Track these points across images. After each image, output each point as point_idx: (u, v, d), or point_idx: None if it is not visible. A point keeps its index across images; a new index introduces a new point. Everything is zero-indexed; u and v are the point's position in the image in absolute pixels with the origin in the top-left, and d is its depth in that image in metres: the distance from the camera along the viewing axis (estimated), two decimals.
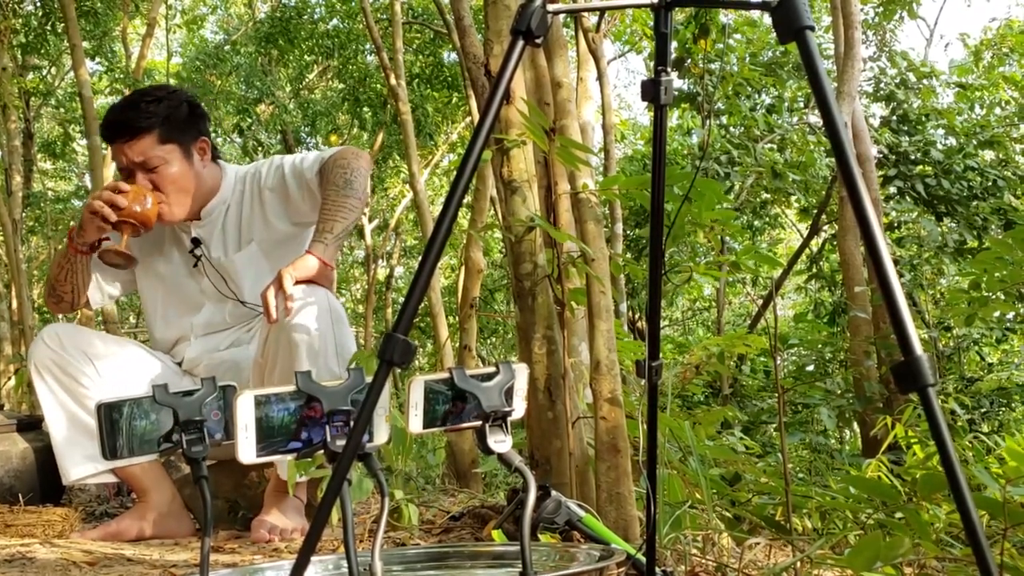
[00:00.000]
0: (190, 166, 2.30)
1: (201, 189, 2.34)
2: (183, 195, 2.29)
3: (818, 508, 2.59)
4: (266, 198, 2.36)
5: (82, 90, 6.84)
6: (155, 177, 2.24)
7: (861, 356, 6.55)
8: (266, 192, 2.36)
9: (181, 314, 2.44)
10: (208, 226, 2.40)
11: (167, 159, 2.24)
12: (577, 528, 1.65)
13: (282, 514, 2.18)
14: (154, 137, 2.23)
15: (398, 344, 0.97)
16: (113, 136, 2.26)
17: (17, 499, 2.41)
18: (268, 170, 2.38)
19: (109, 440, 1.41)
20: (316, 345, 2.08)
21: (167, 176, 2.25)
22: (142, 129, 2.23)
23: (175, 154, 2.26)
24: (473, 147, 1.01)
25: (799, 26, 0.96)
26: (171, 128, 2.26)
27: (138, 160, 2.23)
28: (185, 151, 2.29)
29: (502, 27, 1.93)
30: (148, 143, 2.23)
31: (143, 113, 2.24)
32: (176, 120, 2.27)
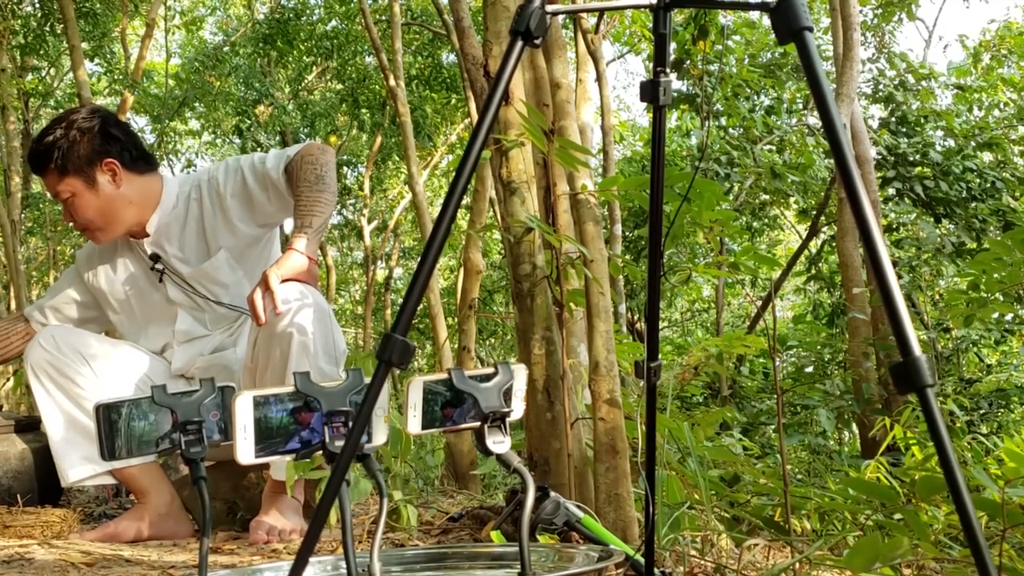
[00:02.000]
0: (96, 194, 2.29)
1: (124, 208, 2.33)
2: (105, 218, 2.31)
3: (817, 509, 2.59)
4: (228, 204, 2.33)
5: (81, 91, 6.84)
6: (72, 210, 2.30)
7: (860, 357, 6.55)
8: (228, 199, 2.34)
9: (160, 325, 2.44)
10: (161, 240, 2.39)
11: (75, 192, 2.28)
12: (576, 529, 1.65)
13: (280, 515, 2.18)
14: (54, 175, 2.28)
15: (397, 345, 0.97)
16: (33, 169, 2.33)
17: (15, 500, 2.40)
18: (225, 175, 2.36)
19: (108, 441, 1.41)
20: (305, 344, 2.08)
21: (78, 207, 2.29)
22: (43, 168, 2.28)
23: (77, 186, 2.28)
24: (472, 147, 1.01)
25: (798, 27, 0.96)
26: (65, 162, 2.27)
27: (52, 192, 2.31)
28: (88, 180, 2.29)
29: (501, 28, 1.93)
30: (52, 179, 2.28)
31: (44, 151, 2.28)
32: (71, 154, 2.28)
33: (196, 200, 2.38)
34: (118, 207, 2.32)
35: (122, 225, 2.34)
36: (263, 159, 2.32)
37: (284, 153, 2.29)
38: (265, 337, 2.11)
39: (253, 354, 2.16)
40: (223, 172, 2.37)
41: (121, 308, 2.48)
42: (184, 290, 2.39)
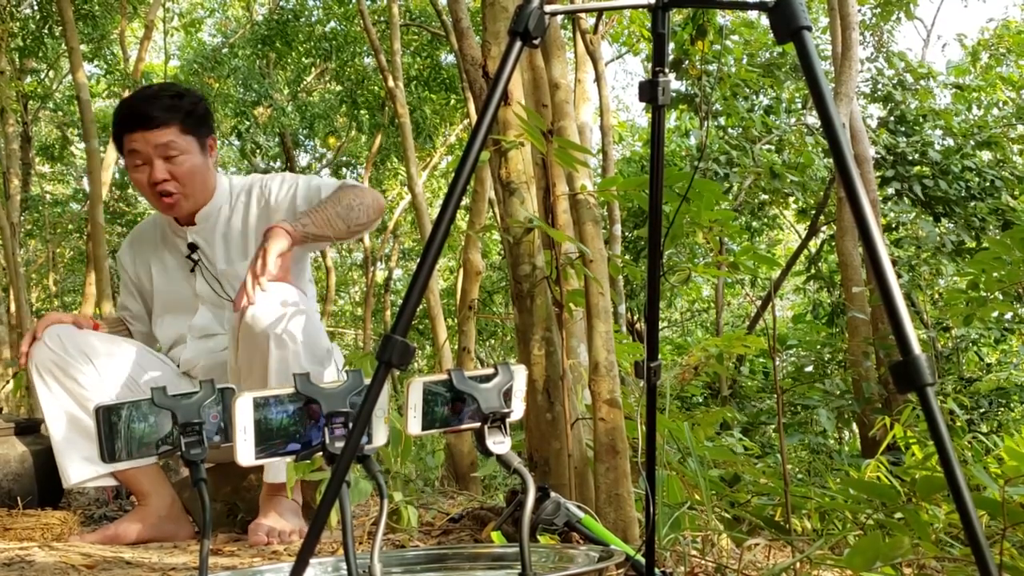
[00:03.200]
0: (205, 159, 2.37)
1: (210, 185, 2.40)
2: (196, 186, 2.35)
3: (817, 509, 2.59)
4: (274, 216, 2.37)
5: (80, 93, 6.84)
6: (173, 167, 2.30)
7: (860, 357, 6.55)
8: (274, 208, 2.39)
9: (177, 316, 2.47)
10: (204, 232, 2.42)
11: (188, 150, 2.31)
12: (576, 529, 1.65)
13: (280, 516, 2.18)
14: (177, 128, 2.30)
15: (396, 346, 0.97)
16: (135, 125, 2.29)
17: (16, 502, 2.40)
18: (279, 187, 2.41)
19: (108, 443, 1.41)
20: (285, 344, 2.08)
21: (186, 165, 2.31)
22: (166, 120, 2.29)
23: (193, 146, 2.33)
24: (471, 148, 1.01)
25: (796, 26, 0.96)
26: (191, 122, 2.33)
27: (160, 147, 2.28)
28: (201, 144, 2.36)
29: (500, 29, 1.93)
30: (172, 132, 2.29)
31: (167, 104, 2.31)
32: (196, 115, 2.34)
33: (244, 203, 2.43)
34: (206, 180, 2.37)
35: (199, 200, 2.38)
36: (322, 184, 2.37)
37: (343, 181, 2.34)
38: (246, 338, 2.11)
39: (237, 356, 2.16)
40: (277, 182, 2.43)
41: (148, 280, 2.54)
42: (212, 285, 2.42)
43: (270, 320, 2.08)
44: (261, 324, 2.08)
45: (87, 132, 6.80)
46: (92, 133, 6.69)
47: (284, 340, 2.08)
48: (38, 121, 14.08)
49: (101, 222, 6.67)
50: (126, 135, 2.31)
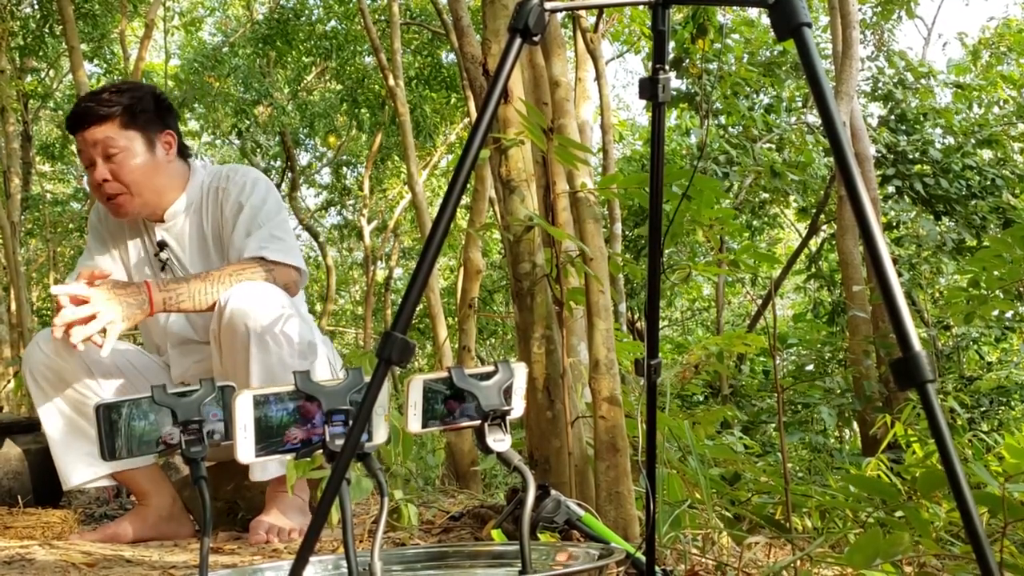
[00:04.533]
0: (152, 156, 2.25)
1: (164, 183, 2.29)
2: (144, 185, 2.24)
3: (818, 507, 2.59)
4: (224, 228, 2.31)
5: (81, 92, 6.83)
6: (115, 167, 2.20)
7: (860, 355, 6.55)
8: (227, 221, 2.30)
9: (153, 321, 2.38)
10: (174, 231, 2.36)
11: (128, 147, 2.21)
12: (576, 527, 1.64)
13: (281, 514, 2.17)
14: (115, 124, 2.20)
15: (396, 343, 0.96)
16: (77, 125, 2.22)
17: (16, 501, 2.41)
18: (233, 201, 2.30)
19: (108, 441, 1.41)
20: (265, 340, 2.06)
21: (127, 165, 2.21)
22: (104, 116, 2.20)
23: (137, 142, 2.23)
24: (471, 146, 1.00)
25: (796, 23, 0.96)
26: (133, 116, 2.23)
27: (99, 145, 2.19)
28: (148, 140, 2.25)
29: (500, 26, 1.93)
30: (110, 129, 2.20)
31: (105, 101, 2.22)
32: (138, 109, 2.24)
33: (207, 204, 2.35)
34: (160, 180, 2.27)
35: (151, 200, 2.28)
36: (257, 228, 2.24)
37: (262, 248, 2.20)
38: (227, 339, 2.09)
39: (221, 358, 2.15)
40: (234, 193, 2.31)
41: None
42: None
43: (248, 313, 2.04)
44: (239, 318, 2.05)
45: None
46: None
47: (264, 329, 2.05)
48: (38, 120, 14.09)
49: None
50: (75, 136, 2.25)
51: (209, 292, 2.12)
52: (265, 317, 2.05)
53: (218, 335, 2.11)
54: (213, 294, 2.12)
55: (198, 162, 2.43)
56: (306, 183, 15.95)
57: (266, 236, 2.21)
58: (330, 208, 16.62)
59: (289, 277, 2.19)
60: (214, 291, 2.12)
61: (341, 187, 15.27)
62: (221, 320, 2.08)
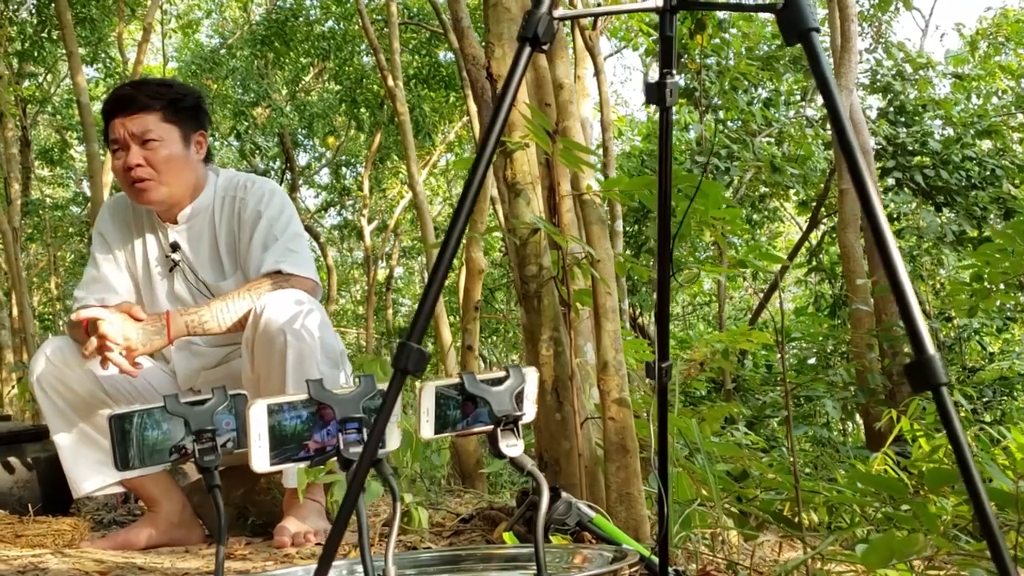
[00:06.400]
0: (186, 151, 2.32)
1: (189, 179, 2.34)
2: (172, 175, 2.30)
3: (825, 502, 2.59)
4: (241, 239, 2.35)
5: (80, 96, 6.83)
6: (149, 154, 2.26)
7: (863, 349, 6.55)
8: (242, 237, 2.34)
9: None
10: (187, 234, 2.38)
11: (165, 138, 2.28)
12: (588, 529, 1.65)
13: (299, 519, 2.19)
14: (157, 115, 2.28)
15: (412, 353, 0.97)
16: (117, 110, 2.29)
17: (26, 509, 2.41)
18: (251, 212, 2.33)
19: (120, 451, 1.42)
20: (302, 350, 2.09)
21: (161, 154, 2.27)
22: (147, 105, 2.27)
23: (173, 135, 2.29)
24: (481, 156, 1.01)
25: (804, 28, 0.97)
26: (174, 111, 2.30)
27: (137, 132, 2.26)
28: (184, 136, 2.32)
29: (502, 30, 1.93)
30: (151, 119, 2.27)
31: (150, 92, 2.30)
32: (180, 106, 2.32)
33: (221, 213, 2.38)
34: (186, 174, 2.33)
35: (176, 192, 2.32)
36: (275, 240, 2.28)
37: (278, 263, 2.25)
38: (262, 346, 2.11)
39: (253, 365, 2.16)
40: (252, 203, 2.34)
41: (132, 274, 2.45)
42: (191, 288, 2.38)
43: (284, 321, 2.08)
44: (276, 323, 2.08)
45: (87, 135, 6.80)
46: (92, 136, 6.69)
47: (301, 336, 2.09)
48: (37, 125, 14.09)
49: None
50: (110, 122, 2.30)
51: (232, 311, 2.16)
52: (300, 326, 2.08)
53: (252, 343, 2.13)
54: (236, 312, 2.16)
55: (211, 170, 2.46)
56: (305, 184, 15.96)
57: (282, 249, 2.25)
58: (330, 208, 16.63)
59: (305, 288, 2.21)
60: (236, 309, 2.16)
61: (340, 187, 15.28)
62: (257, 329, 2.10)
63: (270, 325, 2.09)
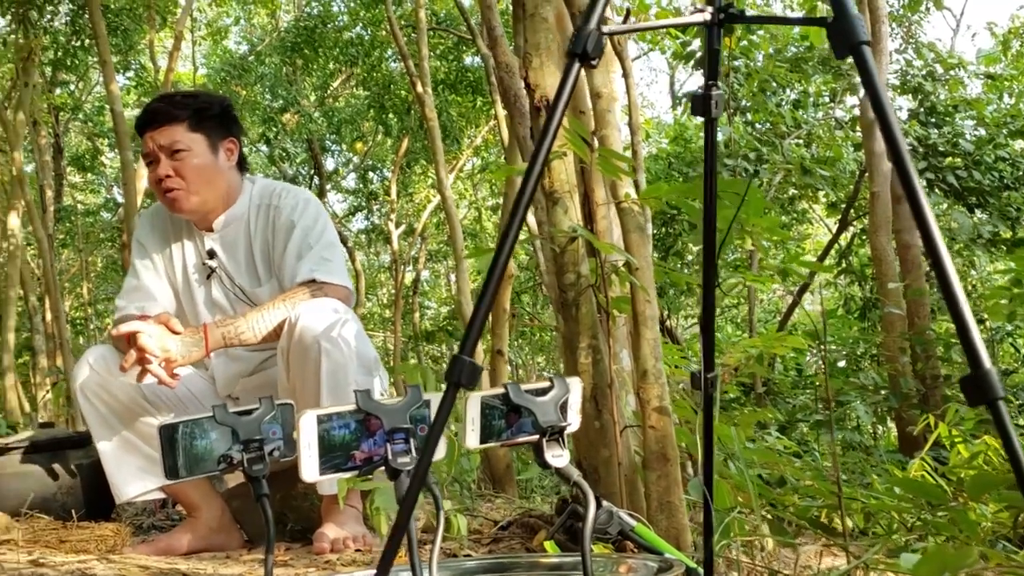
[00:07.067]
0: (214, 159, 2.36)
1: (221, 187, 2.38)
2: (202, 184, 2.33)
3: (862, 509, 2.58)
4: (275, 247, 2.38)
5: (113, 105, 6.92)
6: (178, 164, 2.31)
7: (896, 352, 6.49)
8: (278, 238, 2.37)
9: (191, 323, 2.41)
10: (223, 241, 2.42)
11: (192, 148, 2.32)
12: (629, 538, 1.65)
13: (338, 525, 2.21)
14: (183, 126, 2.32)
15: (465, 366, 0.98)
16: (147, 124, 2.34)
17: (70, 515, 2.45)
18: (285, 220, 2.36)
19: (169, 460, 1.44)
20: (337, 358, 2.11)
21: (190, 163, 2.31)
22: (172, 117, 2.32)
23: (201, 144, 2.33)
24: (532, 172, 1.02)
25: (855, 41, 0.97)
26: (200, 120, 2.34)
27: (166, 144, 2.31)
28: (211, 144, 2.36)
29: (540, 40, 1.94)
30: (177, 130, 2.31)
31: (175, 104, 2.35)
32: (206, 115, 2.36)
33: (256, 220, 2.41)
34: (217, 183, 2.37)
35: (208, 200, 2.36)
36: (308, 250, 2.31)
37: (312, 271, 2.28)
38: (298, 355, 2.14)
39: (289, 373, 2.19)
40: (287, 211, 2.38)
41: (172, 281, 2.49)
42: (228, 294, 2.41)
43: (319, 330, 2.11)
44: (311, 333, 2.11)
45: (121, 143, 6.88)
46: (126, 144, 6.77)
47: (336, 345, 2.11)
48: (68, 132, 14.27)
49: None
50: (142, 136, 2.36)
51: (267, 320, 2.19)
52: (335, 334, 2.11)
53: (287, 352, 2.15)
54: (272, 322, 2.19)
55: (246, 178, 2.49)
56: (333, 189, 16.06)
57: (316, 258, 2.28)
58: (357, 213, 16.72)
59: (339, 296, 2.23)
60: (272, 318, 2.19)
61: (368, 192, 15.35)
62: (292, 338, 2.13)
63: (305, 334, 2.12)
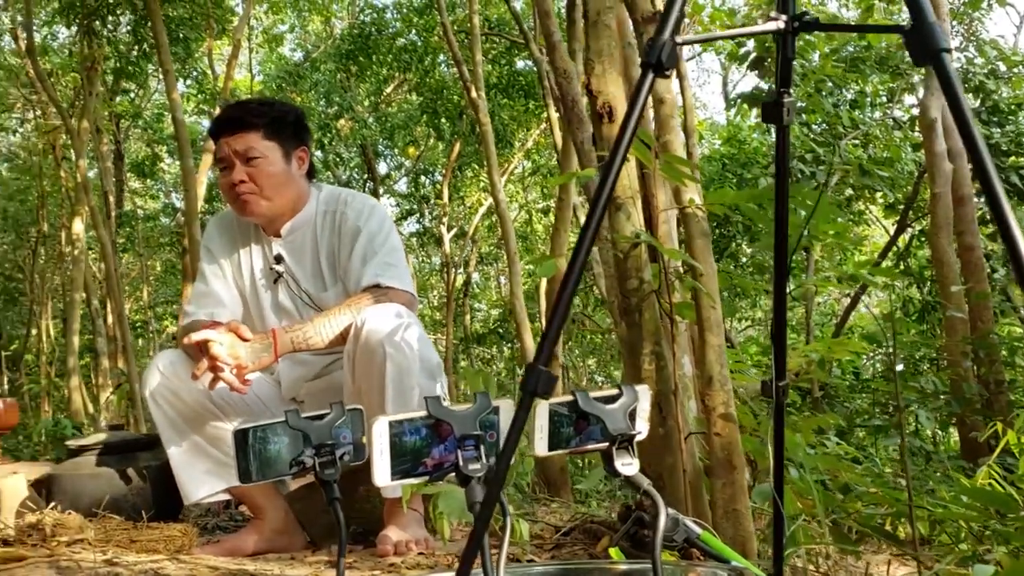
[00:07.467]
0: (287, 167, 2.41)
1: (291, 194, 2.42)
2: (274, 190, 2.38)
3: (929, 517, 2.53)
4: (341, 253, 2.42)
5: (175, 113, 7.07)
6: (252, 170, 2.36)
7: (958, 356, 6.34)
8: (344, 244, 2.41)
9: (258, 327, 2.46)
10: (290, 246, 2.46)
11: (266, 155, 2.37)
12: (695, 545, 1.64)
13: (400, 528, 2.24)
14: (259, 133, 2.37)
15: (541, 376, 0.99)
16: (223, 130, 2.40)
17: (140, 515, 2.51)
18: (352, 226, 2.41)
19: (243, 463, 1.47)
20: (402, 363, 2.14)
21: (263, 170, 2.36)
22: (249, 124, 2.37)
23: (275, 152, 2.38)
24: (606, 180, 1.02)
25: (935, 49, 0.96)
26: (275, 129, 2.39)
27: (241, 151, 2.36)
28: (285, 153, 2.41)
29: (603, 47, 1.94)
30: (253, 138, 2.36)
31: (252, 112, 2.40)
32: (281, 123, 2.41)
33: (322, 226, 2.45)
34: (288, 190, 2.42)
35: (278, 206, 2.41)
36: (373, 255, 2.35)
37: (378, 276, 2.31)
38: (363, 359, 2.17)
39: (354, 377, 2.22)
40: (352, 217, 2.42)
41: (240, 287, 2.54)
42: (295, 299, 2.46)
43: (384, 333, 2.14)
44: (376, 337, 2.14)
45: (182, 150, 7.03)
46: (187, 151, 6.92)
47: (400, 349, 2.14)
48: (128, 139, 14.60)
49: (198, 237, 6.88)
50: (217, 141, 2.42)
51: (334, 325, 2.23)
52: (400, 339, 2.13)
53: (353, 355, 2.19)
54: (338, 326, 2.22)
55: None
56: (386, 193, 16.20)
57: (381, 263, 2.31)
58: (409, 217, 16.85)
59: (403, 301, 2.26)
60: (338, 323, 2.23)
61: (420, 196, 15.46)
62: (358, 342, 2.16)
63: (370, 339, 2.15)
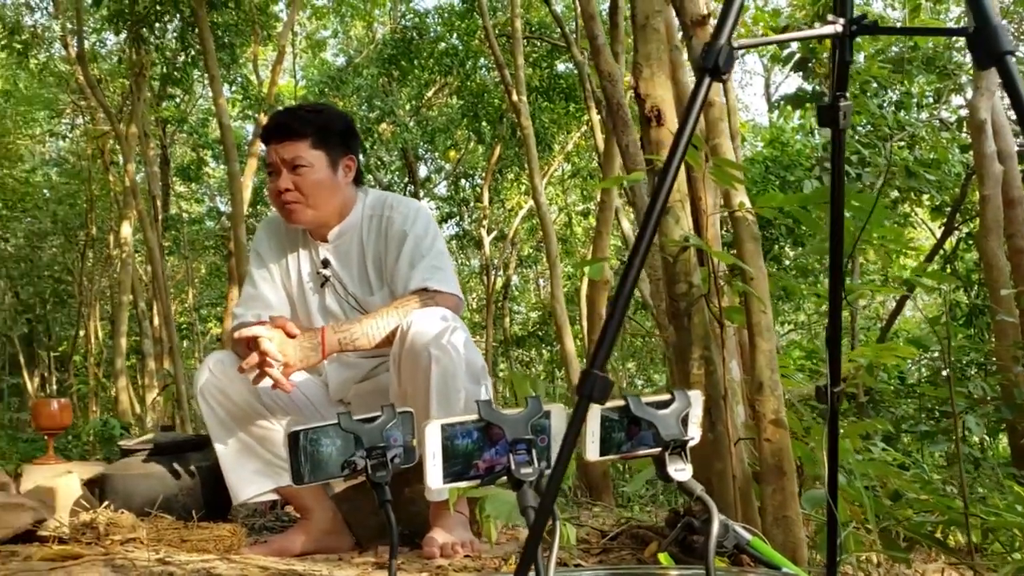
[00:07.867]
0: (333, 175, 2.42)
1: (337, 202, 2.44)
2: (320, 199, 2.40)
3: (982, 525, 2.49)
4: (388, 256, 2.43)
5: (221, 118, 7.17)
6: (298, 178, 2.38)
7: (1008, 361, 6.22)
8: (391, 248, 2.42)
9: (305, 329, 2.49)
10: (337, 251, 2.49)
11: (313, 164, 2.38)
12: (746, 552, 1.63)
13: (446, 531, 2.25)
14: (307, 142, 2.38)
15: (597, 381, 0.99)
16: (271, 136, 2.42)
17: (190, 515, 2.54)
18: (398, 230, 2.42)
19: (297, 465, 1.49)
20: (447, 367, 2.15)
21: (309, 179, 2.38)
22: (297, 133, 2.39)
23: (322, 161, 2.40)
24: (662, 187, 1.02)
25: (1000, 52, 0.95)
26: (322, 138, 2.40)
27: (288, 159, 2.38)
28: (331, 161, 2.42)
29: (651, 50, 1.94)
30: (300, 146, 2.38)
31: (301, 120, 2.41)
32: (329, 132, 2.42)
33: (368, 231, 2.47)
34: (333, 198, 2.43)
35: (323, 214, 2.43)
36: (420, 258, 2.36)
37: (425, 281, 2.32)
38: (408, 362, 2.18)
39: (400, 380, 2.24)
40: (399, 221, 2.43)
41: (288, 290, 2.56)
42: (341, 302, 2.48)
43: (430, 336, 2.15)
44: (422, 340, 2.15)
45: (228, 155, 7.12)
46: (233, 156, 7.00)
47: (446, 352, 2.15)
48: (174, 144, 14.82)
49: (244, 241, 6.97)
50: (266, 146, 2.44)
51: (381, 327, 2.24)
52: (446, 342, 2.15)
53: (399, 359, 2.20)
54: (385, 328, 2.24)
55: None
56: (426, 196, 16.28)
57: (428, 267, 2.32)
58: (449, 219, 16.92)
59: (450, 305, 2.27)
60: (385, 325, 2.24)
61: (460, 199, 15.52)
62: (403, 345, 2.18)
63: (416, 341, 2.16)
